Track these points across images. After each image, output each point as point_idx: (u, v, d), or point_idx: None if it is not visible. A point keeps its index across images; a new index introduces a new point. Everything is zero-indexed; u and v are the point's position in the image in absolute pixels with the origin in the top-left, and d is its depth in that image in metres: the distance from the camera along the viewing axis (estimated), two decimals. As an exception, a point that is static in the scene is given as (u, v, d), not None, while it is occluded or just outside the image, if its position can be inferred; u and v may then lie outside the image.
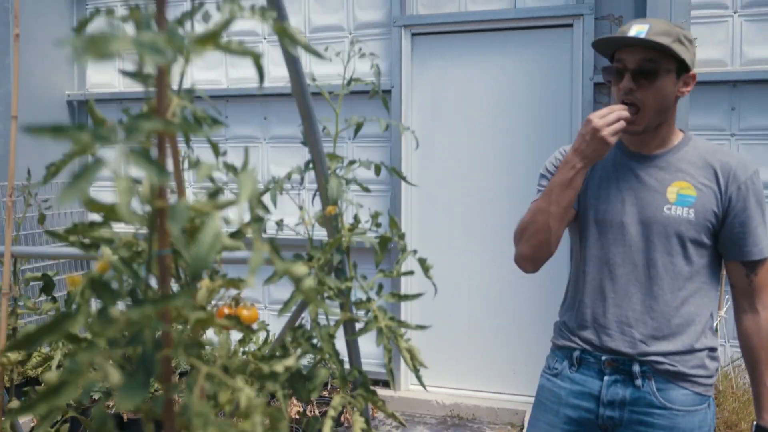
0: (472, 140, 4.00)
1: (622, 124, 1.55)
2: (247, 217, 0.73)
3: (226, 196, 0.75)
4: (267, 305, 4.46)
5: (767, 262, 1.65)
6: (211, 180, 0.90)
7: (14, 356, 1.50)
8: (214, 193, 0.72)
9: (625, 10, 3.71)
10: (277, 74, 4.34)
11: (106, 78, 4.90)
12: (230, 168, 0.91)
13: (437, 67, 4.05)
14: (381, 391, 3.97)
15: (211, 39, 0.67)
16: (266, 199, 1.27)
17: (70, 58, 4.80)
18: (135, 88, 4.78)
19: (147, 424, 0.80)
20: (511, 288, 3.96)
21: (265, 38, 4.43)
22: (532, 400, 1.88)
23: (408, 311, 4.00)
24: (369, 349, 3.03)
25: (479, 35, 3.96)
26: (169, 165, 0.68)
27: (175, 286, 0.85)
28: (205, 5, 0.77)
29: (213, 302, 1.07)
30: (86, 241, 1.04)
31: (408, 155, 4.09)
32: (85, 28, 0.74)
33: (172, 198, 0.71)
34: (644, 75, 1.60)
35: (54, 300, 1.60)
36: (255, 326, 1.17)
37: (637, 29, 1.61)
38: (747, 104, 3.54)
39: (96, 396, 1.22)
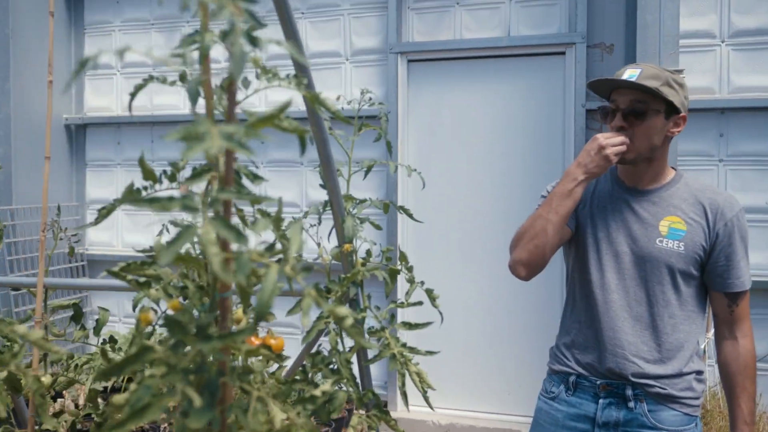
0: (468, 164, 4.17)
1: (624, 147, 1.73)
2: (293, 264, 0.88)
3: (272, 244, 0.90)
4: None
5: (747, 294, 1.82)
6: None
7: (47, 380, 1.63)
8: (271, 246, 0.87)
9: (616, 38, 3.91)
10: (273, 99, 4.49)
11: (103, 102, 5.04)
12: (276, 220, 1.06)
13: (433, 92, 4.23)
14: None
15: (270, 119, 0.83)
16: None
17: (68, 83, 4.93)
18: (134, 111, 4.93)
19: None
20: (506, 311, 4.11)
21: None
22: (526, 419, 2.03)
23: (406, 334, 4.14)
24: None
25: (474, 62, 4.15)
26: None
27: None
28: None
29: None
30: (140, 279, 1.20)
31: (404, 179, 4.25)
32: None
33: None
34: (634, 115, 1.77)
35: (83, 328, 1.74)
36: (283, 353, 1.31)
37: (629, 73, 1.79)
38: (735, 131, 3.73)
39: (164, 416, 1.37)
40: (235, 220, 0.97)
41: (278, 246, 0.91)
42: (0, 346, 1.41)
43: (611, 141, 1.73)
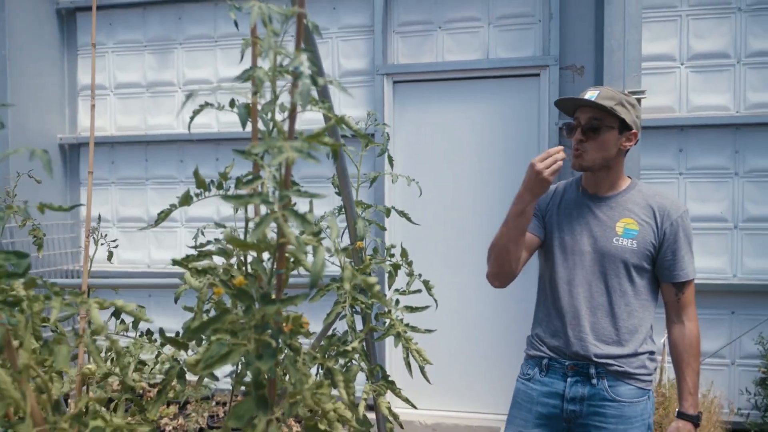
0: (450, 177, 4.53)
1: (559, 164, 2.06)
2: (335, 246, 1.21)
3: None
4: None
5: (692, 284, 2.18)
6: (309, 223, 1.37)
7: (93, 367, 1.93)
8: (318, 232, 1.19)
9: (587, 61, 4.31)
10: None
11: (97, 122, 5.32)
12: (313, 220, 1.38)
13: (417, 111, 4.59)
14: (369, 414, 4.41)
15: (317, 137, 1.16)
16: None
17: (60, 103, 5.19)
18: (124, 132, 5.22)
19: (256, 391, 1.25)
20: (488, 317, 4.46)
21: (254, 84, 4.93)
22: (506, 417, 2.36)
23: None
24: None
25: (456, 83, 4.52)
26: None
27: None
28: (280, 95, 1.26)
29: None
30: (198, 267, 1.51)
31: (390, 190, 4.59)
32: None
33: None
34: (592, 129, 2.14)
35: (123, 322, 2.04)
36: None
37: (590, 94, 2.16)
38: (693, 146, 4.14)
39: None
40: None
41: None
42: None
43: (545, 164, 2.03)
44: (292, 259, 1.26)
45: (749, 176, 4.11)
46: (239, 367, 1.42)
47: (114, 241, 2.19)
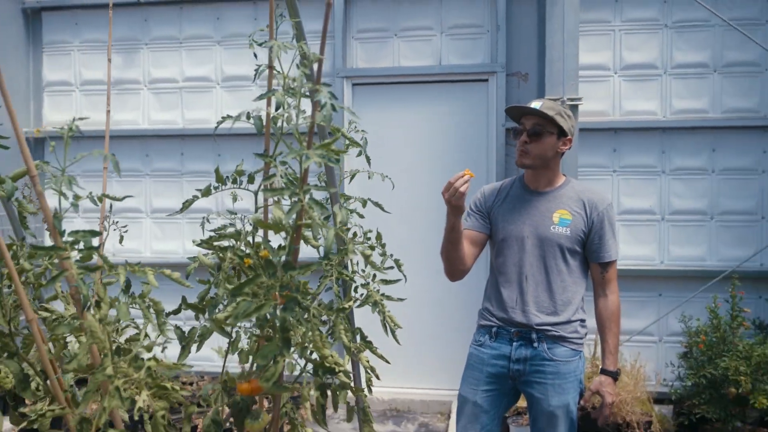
0: (407, 174, 4.97)
1: (463, 188, 2.43)
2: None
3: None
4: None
5: (614, 264, 2.66)
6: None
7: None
8: (327, 217, 1.61)
9: (530, 68, 4.81)
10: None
11: (62, 116, 5.58)
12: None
13: (375, 113, 5.02)
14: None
15: (328, 145, 1.58)
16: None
17: (25, 98, 5.45)
18: (91, 126, 5.48)
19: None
20: (439, 301, 4.93)
21: (218, 84, 5.28)
22: (456, 392, 2.81)
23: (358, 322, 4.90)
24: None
25: (411, 86, 4.97)
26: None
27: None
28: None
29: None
30: (218, 245, 1.91)
31: (350, 189, 5.01)
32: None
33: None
34: (535, 134, 2.61)
35: (132, 296, 2.41)
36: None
37: (535, 104, 2.62)
38: (625, 147, 4.69)
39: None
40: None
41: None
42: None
43: (449, 194, 2.44)
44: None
45: (674, 174, 4.68)
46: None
47: (125, 226, 2.55)
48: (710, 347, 3.90)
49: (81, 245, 1.53)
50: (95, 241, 1.69)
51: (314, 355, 1.81)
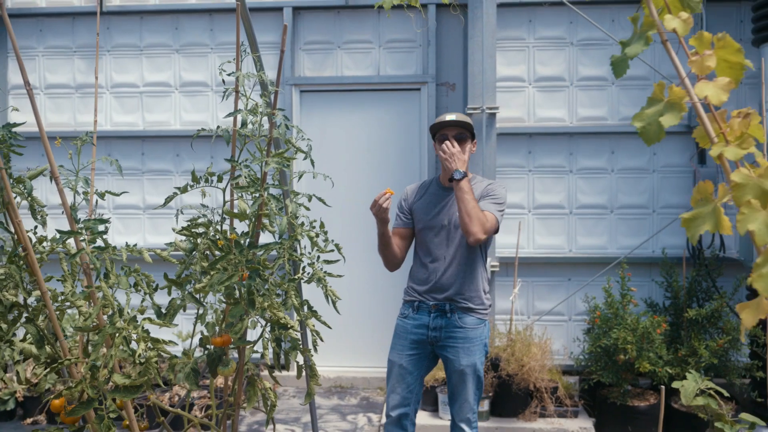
0: (348, 173, 5.51)
1: (386, 204, 3.06)
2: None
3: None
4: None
5: (489, 215, 3.20)
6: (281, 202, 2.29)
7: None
8: (281, 209, 2.12)
9: (457, 78, 5.40)
10: (187, 119, 5.63)
11: (26, 118, 5.91)
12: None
13: (321, 117, 5.54)
14: (278, 373, 5.34)
15: (281, 154, 2.10)
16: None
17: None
18: (56, 128, 5.85)
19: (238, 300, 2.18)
20: (377, 288, 5.49)
21: (177, 89, 5.71)
22: (387, 358, 3.35)
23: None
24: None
25: (353, 94, 5.51)
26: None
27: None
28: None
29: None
30: (195, 231, 2.40)
31: (298, 186, 5.50)
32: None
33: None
34: (460, 140, 3.17)
35: (129, 270, 2.86)
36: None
37: (449, 117, 3.18)
38: (539, 149, 5.33)
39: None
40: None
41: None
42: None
43: (375, 209, 3.08)
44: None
45: (580, 173, 5.34)
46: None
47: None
48: (605, 321, 4.55)
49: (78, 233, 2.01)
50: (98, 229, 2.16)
51: (271, 317, 2.33)
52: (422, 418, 4.56)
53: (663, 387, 2.82)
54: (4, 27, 6.22)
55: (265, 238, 2.65)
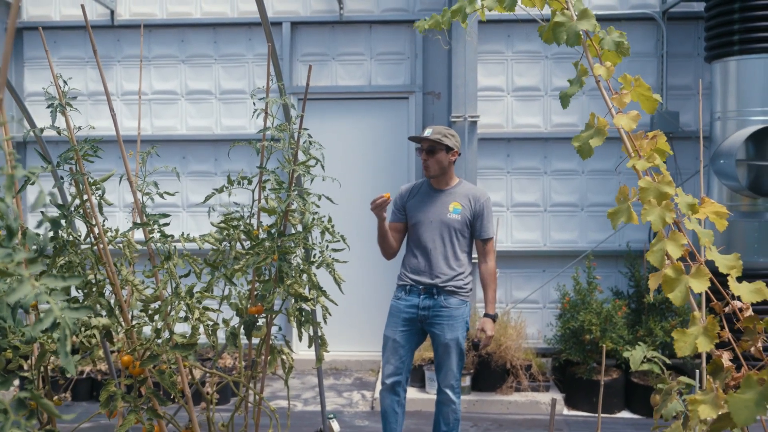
0: (343, 175, 6.05)
1: (383, 204, 3.64)
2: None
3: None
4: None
5: (492, 240, 3.86)
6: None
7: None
8: (306, 205, 2.71)
9: (442, 88, 6.02)
10: (193, 124, 6.21)
11: (41, 123, 6.45)
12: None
13: (318, 123, 6.13)
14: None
15: (302, 164, 2.70)
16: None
17: (8, 106, 6.30)
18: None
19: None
20: (371, 278, 6.10)
21: (183, 96, 6.28)
22: (383, 334, 3.95)
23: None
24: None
25: (346, 102, 6.11)
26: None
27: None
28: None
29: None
30: (230, 224, 3.00)
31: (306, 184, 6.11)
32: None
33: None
34: (430, 151, 3.78)
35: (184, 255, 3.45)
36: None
37: (426, 131, 3.79)
38: (517, 153, 5.97)
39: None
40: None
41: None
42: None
43: (373, 206, 3.66)
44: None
45: (553, 174, 5.99)
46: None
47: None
48: (573, 306, 5.19)
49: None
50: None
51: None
52: (411, 393, 5.18)
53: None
54: (21, 39, 6.77)
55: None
